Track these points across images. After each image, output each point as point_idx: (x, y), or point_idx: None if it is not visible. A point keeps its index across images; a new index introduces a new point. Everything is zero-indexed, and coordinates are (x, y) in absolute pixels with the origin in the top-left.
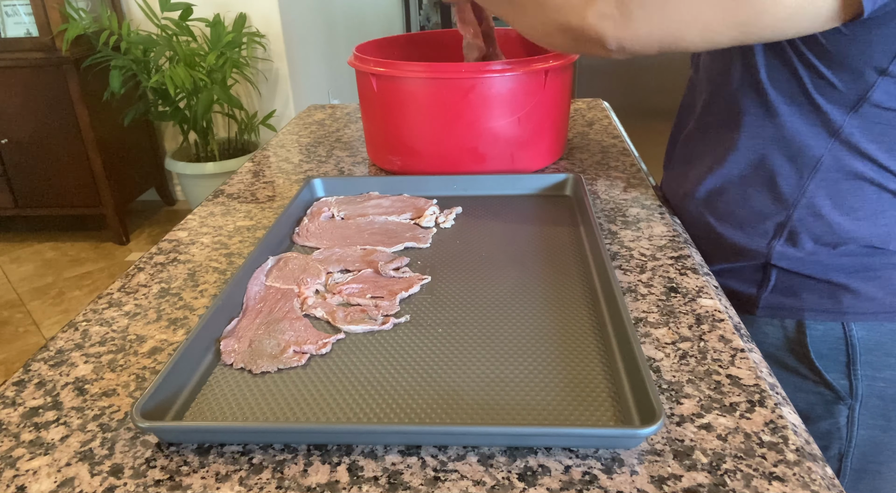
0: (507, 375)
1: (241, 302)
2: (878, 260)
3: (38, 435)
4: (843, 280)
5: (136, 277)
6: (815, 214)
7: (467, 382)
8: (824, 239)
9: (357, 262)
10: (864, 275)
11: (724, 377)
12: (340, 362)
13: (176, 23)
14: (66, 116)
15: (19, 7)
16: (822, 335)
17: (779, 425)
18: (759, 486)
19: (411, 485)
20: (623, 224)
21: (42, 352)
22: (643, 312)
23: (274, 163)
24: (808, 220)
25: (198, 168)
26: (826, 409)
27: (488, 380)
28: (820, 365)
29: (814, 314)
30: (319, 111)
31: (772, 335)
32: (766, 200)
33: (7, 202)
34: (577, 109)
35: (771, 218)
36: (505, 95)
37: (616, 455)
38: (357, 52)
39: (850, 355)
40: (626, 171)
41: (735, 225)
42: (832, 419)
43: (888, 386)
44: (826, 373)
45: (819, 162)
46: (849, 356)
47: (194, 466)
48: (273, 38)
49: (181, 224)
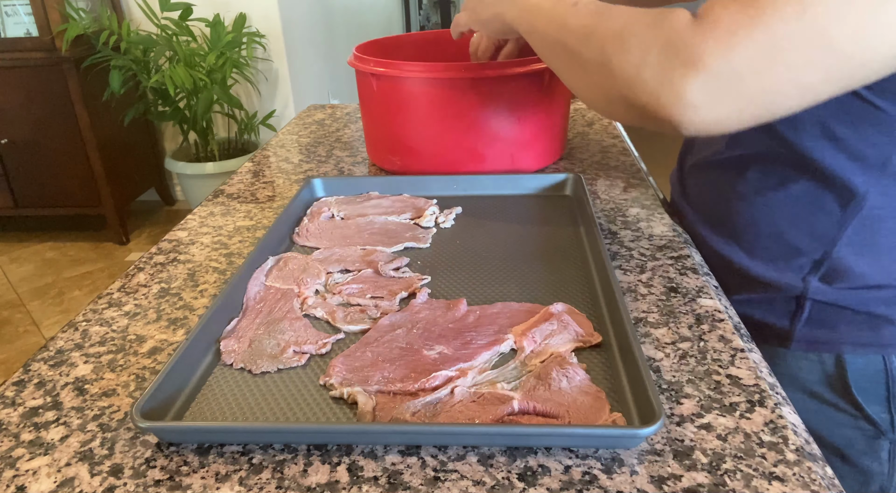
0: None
1: (241, 302)
2: None
3: (37, 435)
4: (883, 311)
5: (135, 277)
6: (856, 254)
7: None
8: (862, 280)
9: (357, 262)
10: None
11: (724, 377)
12: None
13: (176, 23)
14: (66, 116)
15: (19, 7)
16: (862, 369)
17: (779, 425)
18: (758, 486)
19: (411, 485)
20: (623, 224)
21: (42, 352)
22: (643, 312)
23: (274, 163)
24: (849, 259)
25: (198, 168)
26: (867, 444)
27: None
28: (861, 399)
29: (853, 348)
30: (319, 111)
31: (808, 370)
32: (802, 236)
33: (7, 202)
34: (577, 109)
35: (806, 255)
36: (505, 95)
37: (616, 455)
38: (357, 52)
39: (890, 389)
40: (626, 171)
41: (766, 259)
42: (873, 455)
43: None
44: (867, 407)
45: (863, 198)
46: (888, 390)
47: (194, 466)
48: (273, 38)
49: (181, 224)
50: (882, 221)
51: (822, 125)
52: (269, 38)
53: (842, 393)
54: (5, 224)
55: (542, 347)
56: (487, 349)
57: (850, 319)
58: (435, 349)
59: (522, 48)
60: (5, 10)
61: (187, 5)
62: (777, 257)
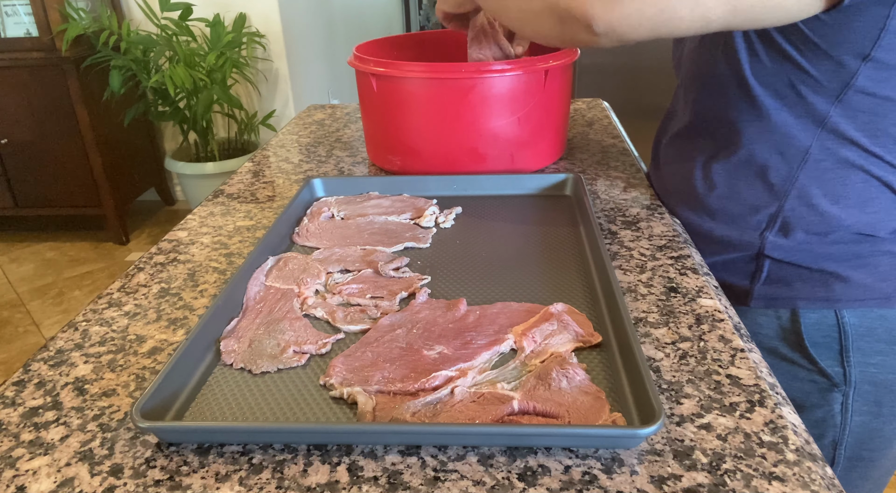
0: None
1: (241, 302)
2: (868, 247)
3: (37, 435)
4: (834, 268)
5: (135, 277)
6: (807, 204)
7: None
8: (815, 228)
9: (357, 262)
10: (855, 263)
11: (724, 377)
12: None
13: (176, 23)
14: (66, 116)
15: (19, 7)
16: (815, 323)
17: (778, 425)
18: (758, 486)
19: (411, 485)
20: (623, 224)
21: (42, 352)
22: (643, 312)
23: (274, 163)
24: (800, 210)
25: (198, 168)
26: (821, 397)
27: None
28: (814, 353)
29: (807, 303)
30: (319, 111)
31: (766, 326)
32: (757, 193)
33: (7, 202)
34: (577, 109)
35: (762, 210)
36: (505, 95)
37: (616, 455)
38: (357, 52)
39: (842, 343)
40: (626, 171)
41: (727, 219)
42: (827, 407)
43: (879, 372)
44: (820, 361)
45: (808, 152)
46: (841, 344)
47: (194, 466)
48: (273, 38)
49: (181, 224)
50: (826, 173)
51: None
52: (269, 38)
53: (797, 347)
54: (5, 224)
55: (542, 347)
56: (487, 349)
57: (805, 277)
58: (435, 349)
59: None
60: (5, 10)
61: (187, 5)
62: (737, 217)
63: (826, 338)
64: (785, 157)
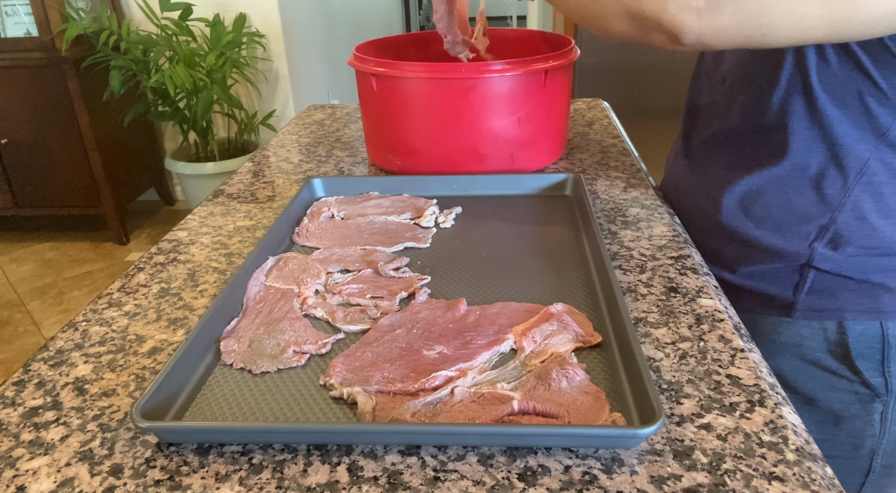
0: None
1: (241, 302)
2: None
3: (37, 435)
4: (881, 280)
5: (135, 277)
6: (859, 218)
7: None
8: (865, 242)
9: (357, 262)
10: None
11: (724, 377)
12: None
13: (176, 23)
14: (65, 116)
15: (19, 7)
16: (860, 335)
17: (779, 425)
18: (758, 486)
19: (411, 485)
20: (623, 224)
21: (42, 352)
22: (643, 312)
23: (274, 163)
24: (852, 223)
25: (198, 168)
26: (861, 407)
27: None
28: (859, 364)
29: (854, 314)
30: (319, 111)
31: (811, 338)
32: (809, 203)
33: (7, 202)
34: (577, 109)
35: (813, 221)
36: (505, 95)
37: (616, 455)
38: (357, 52)
39: (884, 353)
40: (626, 171)
41: (773, 228)
42: (867, 417)
43: None
44: (864, 372)
45: (866, 164)
46: (884, 354)
47: (194, 466)
48: (273, 38)
49: (181, 224)
50: (881, 187)
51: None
52: (269, 38)
53: (841, 359)
54: (5, 224)
55: (542, 347)
56: (487, 349)
57: (851, 287)
58: (435, 349)
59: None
60: (5, 10)
61: (187, 5)
62: (784, 225)
63: (869, 349)
64: (841, 168)
